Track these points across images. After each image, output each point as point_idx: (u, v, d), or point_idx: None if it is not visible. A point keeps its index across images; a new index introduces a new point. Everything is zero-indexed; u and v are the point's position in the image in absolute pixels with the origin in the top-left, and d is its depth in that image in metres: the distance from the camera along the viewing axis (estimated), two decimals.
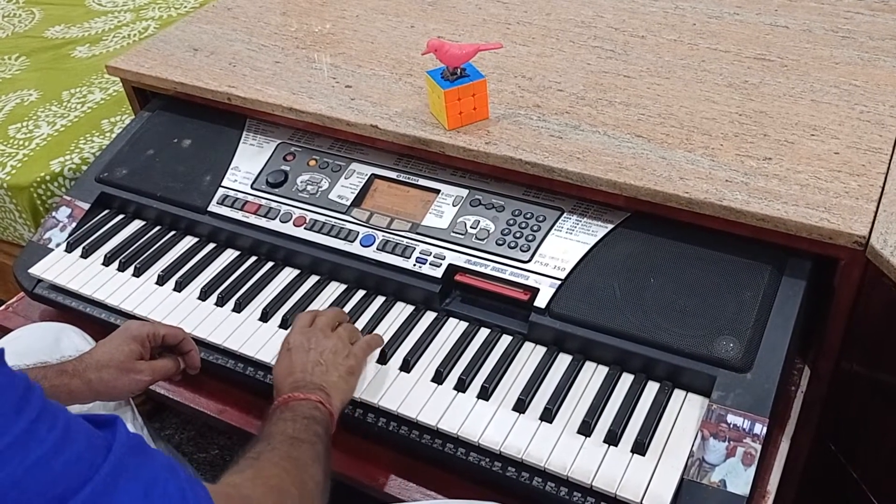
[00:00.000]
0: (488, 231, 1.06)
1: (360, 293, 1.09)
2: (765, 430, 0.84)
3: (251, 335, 1.04)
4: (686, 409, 0.90)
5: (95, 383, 0.92)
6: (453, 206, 1.10)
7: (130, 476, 0.58)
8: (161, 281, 1.14)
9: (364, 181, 1.16)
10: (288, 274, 1.13)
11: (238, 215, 1.18)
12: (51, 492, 0.54)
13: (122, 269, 1.17)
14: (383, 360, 0.99)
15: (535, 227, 1.05)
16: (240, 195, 1.19)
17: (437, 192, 1.12)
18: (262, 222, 1.16)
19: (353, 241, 1.10)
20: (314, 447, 0.79)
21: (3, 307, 1.24)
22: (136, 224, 1.25)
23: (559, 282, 0.99)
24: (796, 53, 1.20)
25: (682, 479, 0.83)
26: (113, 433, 0.60)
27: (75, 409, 0.96)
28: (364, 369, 0.97)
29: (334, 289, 1.10)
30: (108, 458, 0.57)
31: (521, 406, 0.92)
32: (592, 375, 0.95)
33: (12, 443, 0.53)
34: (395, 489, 0.94)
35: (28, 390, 0.56)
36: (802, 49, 1.21)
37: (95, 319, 1.13)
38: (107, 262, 1.18)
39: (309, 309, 1.06)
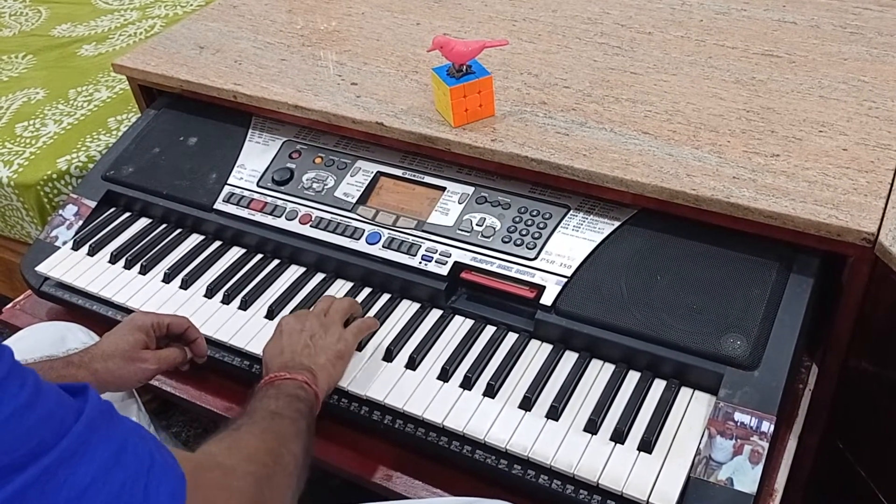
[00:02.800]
0: (494, 228, 1.06)
1: (366, 291, 1.09)
2: (772, 427, 0.84)
3: (257, 332, 1.04)
4: (693, 407, 0.90)
5: (102, 373, 0.92)
6: (459, 203, 1.09)
7: (102, 437, 0.59)
8: (167, 278, 1.14)
9: (370, 179, 1.15)
10: (294, 271, 1.13)
11: (244, 213, 1.18)
12: (24, 447, 0.54)
13: (128, 266, 1.17)
14: (389, 357, 0.99)
15: (541, 225, 1.04)
16: (245, 193, 1.19)
17: (443, 189, 1.11)
18: (268, 220, 1.16)
19: (358, 239, 1.10)
20: (295, 423, 0.80)
21: (10, 305, 1.24)
22: (143, 222, 1.25)
23: (565, 279, 0.99)
24: (804, 49, 1.19)
25: (688, 478, 0.83)
26: (84, 399, 0.60)
27: None
28: (368, 366, 0.97)
29: (340, 286, 1.10)
30: (80, 419, 0.58)
31: (526, 404, 0.91)
32: (599, 373, 0.94)
33: None
34: (401, 486, 0.94)
35: None
36: (810, 45, 1.20)
37: (102, 317, 1.13)
38: (113, 259, 1.18)
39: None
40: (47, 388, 0.58)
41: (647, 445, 0.86)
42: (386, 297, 1.08)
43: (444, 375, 0.96)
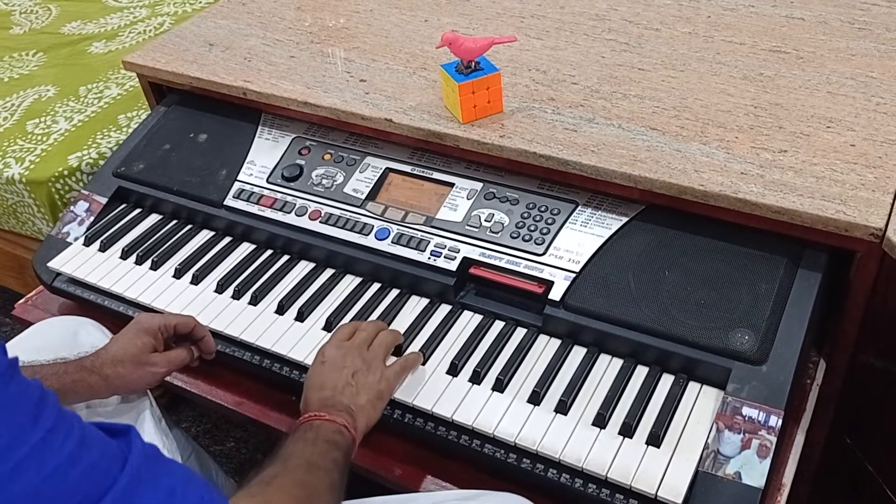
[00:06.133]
0: (503, 224, 1.06)
1: (375, 286, 1.10)
2: (780, 422, 0.84)
3: (267, 328, 1.05)
4: (701, 402, 0.90)
5: (112, 378, 0.93)
6: (468, 199, 1.10)
7: (148, 486, 0.58)
8: (178, 274, 1.15)
9: (379, 175, 1.16)
10: (303, 267, 1.14)
11: (254, 209, 1.18)
12: (69, 501, 0.54)
13: (139, 262, 1.18)
14: (398, 352, 1.00)
15: (549, 221, 1.05)
16: (255, 189, 1.20)
17: (452, 185, 1.12)
18: (278, 216, 1.17)
19: (367, 235, 1.11)
20: (329, 475, 0.77)
21: (22, 300, 1.25)
22: (154, 218, 1.26)
23: (574, 275, 0.99)
24: (812, 45, 1.19)
25: (697, 471, 0.84)
26: (128, 443, 0.60)
27: (96, 402, 0.98)
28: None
29: (349, 282, 1.11)
30: (126, 469, 0.57)
31: (535, 398, 0.92)
32: (607, 368, 0.95)
33: (29, 452, 0.53)
34: (410, 480, 0.94)
35: (42, 399, 0.56)
36: (818, 41, 1.20)
37: (113, 312, 1.14)
38: (124, 255, 1.19)
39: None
40: (91, 438, 0.58)
41: (655, 439, 0.86)
42: (395, 292, 1.08)
43: (454, 370, 0.97)
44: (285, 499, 0.72)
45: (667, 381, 0.92)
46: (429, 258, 1.06)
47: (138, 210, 1.27)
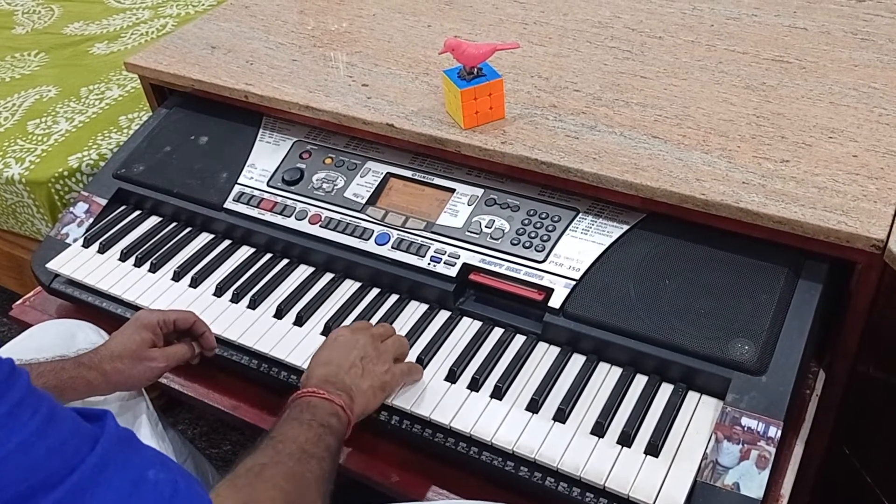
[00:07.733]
0: (503, 231, 1.06)
1: (375, 291, 1.09)
2: (779, 433, 0.84)
3: (266, 332, 1.05)
4: (700, 412, 0.90)
5: (111, 374, 0.93)
6: (468, 205, 1.10)
7: (119, 467, 0.57)
8: (177, 277, 1.15)
9: (379, 180, 1.16)
10: (303, 271, 1.13)
11: (254, 212, 1.18)
12: (33, 478, 0.53)
13: (138, 264, 1.17)
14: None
15: (550, 228, 1.04)
16: (256, 192, 1.20)
17: (453, 191, 1.12)
18: (278, 220, 1.16)
19: (367, 240, 1.11)
20: (321, 464, 0.76)
21: (20, 301, 1.25)
22: (153, 220, 1.25)
23: (574, 282, 0.99)
24: (815, 55, 1.19)
25: (695, 482, 0.83)
26: (102, 426, 0.59)
27: (93, 400, 0.97)
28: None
29: (349, 286, 1.11)
30: (96, 449, 0.57)
31: (534, 406, 0.92)
32: (606, 376, 0.95)
33: None
34: (408, 487, 0.94)
35: (11, 375, 0.55)
36: (821, 51, 1.20)
37: (112, 314, 1.14)
38: (123, 257, 1.19)
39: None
40: (62, 416, 0.57)
41: (653, 449, 0.86)
42: (394, 297, 1.08)
43: (452, 377, 0.96)
44: (273, 494, 0.70)
45: (666, 390, 0.92)
46: (428, 264, 1.06)
47: (138, 212, 1.27)
